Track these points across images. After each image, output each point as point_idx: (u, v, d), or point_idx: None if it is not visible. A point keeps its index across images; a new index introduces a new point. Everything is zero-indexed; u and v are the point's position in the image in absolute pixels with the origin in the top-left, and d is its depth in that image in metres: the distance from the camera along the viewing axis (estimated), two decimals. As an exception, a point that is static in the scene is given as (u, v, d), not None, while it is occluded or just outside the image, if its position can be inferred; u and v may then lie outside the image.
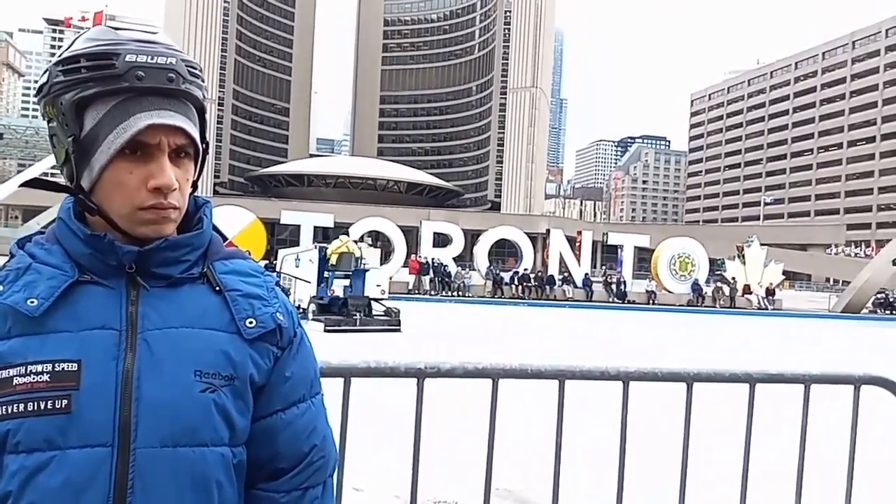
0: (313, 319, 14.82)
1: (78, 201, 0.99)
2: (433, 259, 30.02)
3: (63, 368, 0.92)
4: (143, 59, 0.94)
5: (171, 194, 0.97)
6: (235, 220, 24.72)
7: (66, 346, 0.93)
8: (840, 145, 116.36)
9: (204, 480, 0.96)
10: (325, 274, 16.39)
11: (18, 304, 0.93)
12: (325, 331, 14.01)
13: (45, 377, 0.91)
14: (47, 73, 0.97)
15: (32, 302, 0.93)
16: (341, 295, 15.65)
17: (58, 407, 0.90)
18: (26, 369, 0.91)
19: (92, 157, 0.95)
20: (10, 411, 0.90)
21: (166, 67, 0.96)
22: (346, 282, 16.18)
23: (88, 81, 0.94)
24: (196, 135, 1.00)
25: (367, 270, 16.47)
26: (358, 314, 15.04)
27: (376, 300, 16.04)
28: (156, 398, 0.94)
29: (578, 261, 32.26)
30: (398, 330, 15.12)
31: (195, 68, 1.00)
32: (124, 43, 0.95)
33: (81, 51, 0.95)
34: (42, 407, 0.90)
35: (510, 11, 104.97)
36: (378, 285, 16.46)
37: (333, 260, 16.38)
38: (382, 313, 15.81)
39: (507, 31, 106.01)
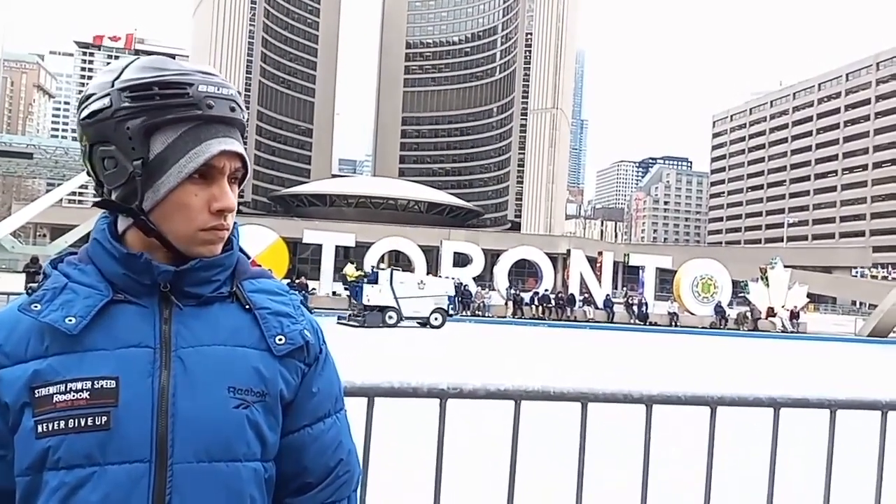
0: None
1: (138, 221, 1.01)
2: (453, 279, 30.00)
3: (102, 386, 0.94)
4: (212, 90, 1.00)
5: (228, 216, 1.03)
6: (258, 240, 24.98)
7: (104, 363, 0.95)
8: (865, 167, 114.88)
9: (239, 495, 0.98)
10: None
11: (57, 322, 0.95)
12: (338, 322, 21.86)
13: (85, 394, 0.93)
14: (108, 97, 0.98)
15: (70, 320, 0.95)
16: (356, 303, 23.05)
17: (98, 424, 0.92)
18: (66, 386, 0.93)
19: (158, 179, 0.98)
20: (50, 428, 0.92)
21: (230, 98, 1.02)
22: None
23: (162, 108, 0.97)
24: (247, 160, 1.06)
25: (361, 286, 22.56)
26: (350, 312, 23.11)
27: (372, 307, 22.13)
28: (191, 414, 0.96)
29: (599, 282, 32.08)
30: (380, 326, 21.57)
31: (240, 98, 1.07)
32: (192, 73, 1.00)
33: (151, 79, 0.98)
34: (82, 424, 0.92)
35: (531, 34, 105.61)
36: (367, 296, 22.13)
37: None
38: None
39: (527, 52, 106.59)
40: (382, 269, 24.21)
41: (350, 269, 25.99)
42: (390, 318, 22.00)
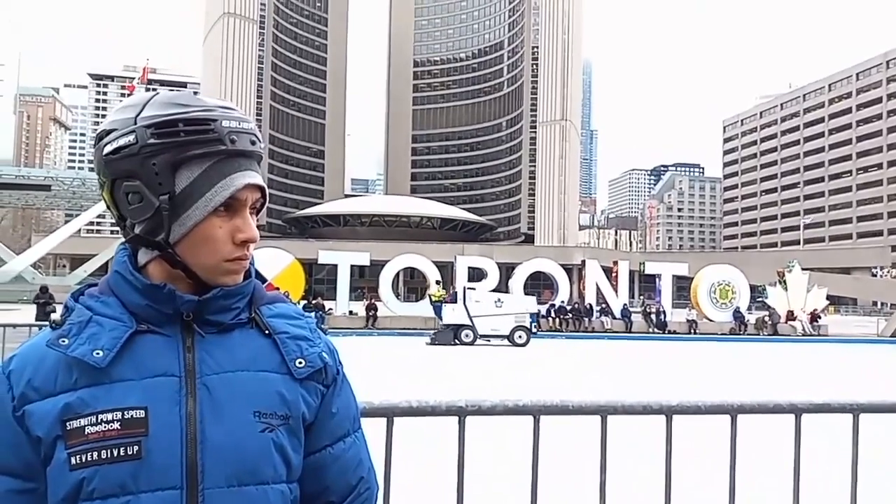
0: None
1: (165, 254, 1.04)
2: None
3: (132, 416, 0.96)
4: (234, 125, 1.03)
5: (251, 246, 1.06)
6: (274, 262, 25.11)
7: (132, 393, 0.98)
8: (880, 165, 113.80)
9: None
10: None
11: (85, 356, 0.97)
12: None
13: (116, 425, 0.96)
14: (133, 133, 1.00)
15: (98, 353, 0.98)
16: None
17: (130, 453, 0.95)
18: (97, 418, 0.96)
19: (184, 213, 1.01)
20: (84, 460, 0.95)
21: (250, 132, 1.05)
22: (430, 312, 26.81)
23: (188, 144, 1.00)
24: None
25: (442, 305, 23.60)
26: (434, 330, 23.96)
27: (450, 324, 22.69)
28: (220, 440, 0.99)
29: (616, 291, 31.88)
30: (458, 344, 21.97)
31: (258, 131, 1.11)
32: (214, 109, 1.03)
33: (176, 116, 1.01)
34: (115, 454, 0.95)
35: (537, 47, 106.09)
36: (445, 315, 22.80)
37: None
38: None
39: (534, 66, 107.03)
40: (467, 288, 24.60)
41: (435, 290, 28.15)
42: (466, 336, 22.12)
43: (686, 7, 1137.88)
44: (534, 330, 23.62)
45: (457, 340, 21.96)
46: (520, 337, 22.33)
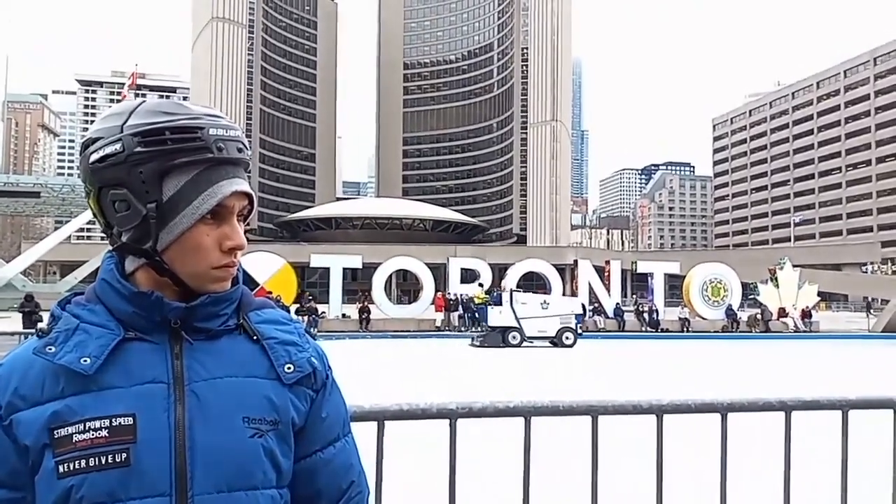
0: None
1: (152, 262, 1.04)
2: (461, 295, 29.97)
3: (120, 423, 0.96)
4: (221, 133, 1.03)
5: (238, 253, 1.07)
6: (266, 266, 25.06)
7: (120, 401, 0.97)
8: (868, 162, 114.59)
9: None
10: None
11: (72, 363, 0.97)
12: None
13: (104, 432, 0.95)
14: (119, 142, 1.00)
15: (85, 361, 0.98)
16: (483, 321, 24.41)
17: (118, 461, 0.95)
18: (85, 426, 0.95)
19: (172, 220, 1.01)
20: (72, 468, 0.94)
21: (237, 139, 1.05)
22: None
23: (175, 152, 1.00)
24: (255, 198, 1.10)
25: (487, 308, 23.79)
26: (478, 330, 25.13)
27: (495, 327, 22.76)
28: (209, 446, 0.99)
29: (608, 290, 31.96)
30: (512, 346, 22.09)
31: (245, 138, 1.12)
32: (201, 117, 1.04)
33: (162, 124, 1.01)
34: (103, 462, 0.94)
35: (527, 48, 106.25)
36: (491, 318, 22.83)
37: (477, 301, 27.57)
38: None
39: (524, 67, 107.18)
40: (513, 290, 24.59)
41: (478, 292, 28.38)
42: (514, 338, 22.17)
43: (675, 6, 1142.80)
44: (580, 331, 23.46)
45: (503, 343, 21.84)
46: (567, 338, 22.23)
